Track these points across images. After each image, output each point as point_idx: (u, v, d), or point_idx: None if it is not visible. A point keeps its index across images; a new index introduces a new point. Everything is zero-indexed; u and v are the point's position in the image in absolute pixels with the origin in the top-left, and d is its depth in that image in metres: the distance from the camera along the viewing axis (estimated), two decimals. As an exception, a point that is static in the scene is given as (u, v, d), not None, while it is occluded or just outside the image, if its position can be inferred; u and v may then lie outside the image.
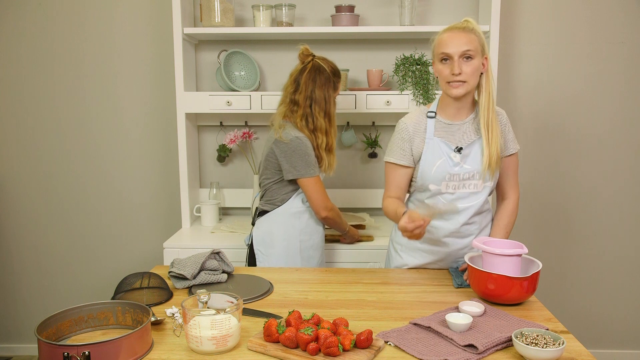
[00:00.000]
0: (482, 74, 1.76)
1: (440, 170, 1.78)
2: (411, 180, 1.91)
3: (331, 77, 2.15)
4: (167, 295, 1.66)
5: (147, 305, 1.57)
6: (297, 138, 2.08)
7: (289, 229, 2.17)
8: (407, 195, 1.99)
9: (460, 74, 1.70)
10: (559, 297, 3.01)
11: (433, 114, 1.83)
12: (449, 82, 1.73)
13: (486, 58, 1.75)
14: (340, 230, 2.35)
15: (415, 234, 1.64)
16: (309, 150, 2.10)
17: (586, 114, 2.88)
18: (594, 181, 2.92)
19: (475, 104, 1.84)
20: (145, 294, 1.68)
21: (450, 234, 1.85)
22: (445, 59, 1.73)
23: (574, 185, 2.93)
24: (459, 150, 1.78)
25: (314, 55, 2.18)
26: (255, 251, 2.21)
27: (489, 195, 1.87)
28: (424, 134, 1.82)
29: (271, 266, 2.16)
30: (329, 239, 2.47)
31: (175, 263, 1.78)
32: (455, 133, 1.81)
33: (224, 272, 1.83)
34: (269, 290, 1.72)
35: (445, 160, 1.78)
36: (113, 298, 1.63)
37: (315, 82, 2.12)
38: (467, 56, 1.70)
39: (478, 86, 1.77)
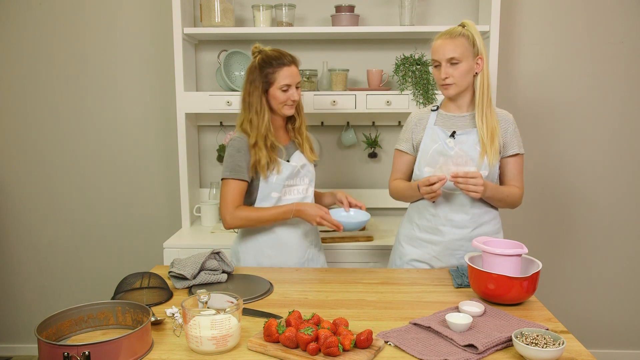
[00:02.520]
0: (477, 73, 1.88)
1: (437, 152, 1.92)
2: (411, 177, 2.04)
3: (257, 67, 1.94)
4: (167, 295, 1.66)
5: (147, 305, 1.57)
6: (232, 139, 1.98)
7: (256, 248, 2.04)
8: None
9: (447, 78, 1.87)
10: (559, 297, 3.01)
11: (436, 108, 2.02)
12: (441, 85, 1.91)
13: (480, 58, 1.86)
14: (268, 224, 1.99)
15: (435, 189, 1.80)
16: (235, 151, 1.94)
17: (586, 113, 2.87)
18: (595, 181, 2.92)
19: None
20: (145, 294, 1.68)
21: (447, 222, 1.93)
22: (437, 65, 1.89)
23: (575, 185, 2.93)
24: (453, 134, 1.92)
25: (260, 51, 1.98)
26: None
27: None
28: (425, 123, 2.00)
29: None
30: (329, 240, 2.48)
31: (175, 263, 1.78)
32: (454, 123, 1.96)
33: (224, 272, 1.83)
34: (269, 290, 1.72)
35: (441, 145, 1.92)
36: (113, 298, 1.63)
37: (246, 77, 1.99)
38: (453, 62, 1.85)
39: (474, 84, 1.91)
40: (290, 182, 2.01)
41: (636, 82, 2.84)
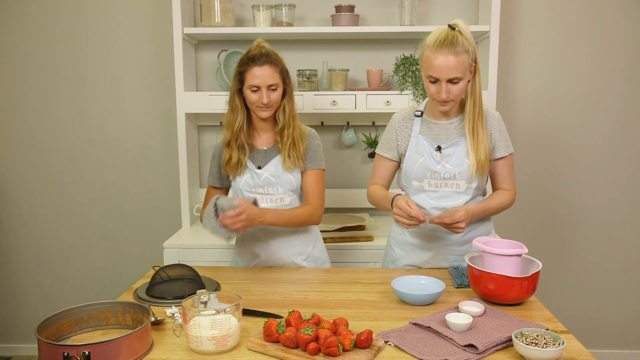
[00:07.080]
0: (469, 80, 1.75)
1: (423, 167, 1.84)
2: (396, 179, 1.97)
3: (237, 64, 1.92)
4: (199, 286, 1.69)
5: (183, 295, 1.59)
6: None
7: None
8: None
9: (448, 95, 1.72)
10: (559, 297, 3.01)
11: (420, 113, 1.89)
12: (438, 101, 1.76)
13: (475, 63, 1.73)
14: None
15: (406, 222, 1.73)
16: (211, 157, 2.06)
17: (586, 114, 2.87)
18: (594, 182, 2.92)
19: (463, 105, 1.85)
20: (182, 284, 1.69)
21: (438, 228, 1.86)
22: (434, 81, 1.73)
23: (574, 185, 2.93)
24: (438, 149, 1.82)
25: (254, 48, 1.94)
26: None
27: (478, 196, 1.89)
28: (410, 130, 1.89)
29: None
30: (329, 240, 2.48)
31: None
32: (440, 132, 1.85)
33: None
34: (216, 289, 1.72)
35: (427, 158, 1.84)
36: (148, 289, 1.67)
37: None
38: (455, 81, 1.71)
39: (465, 91, 1.77)
40: (260, 190, 1.94)
41: (636, 82, 2.83)
